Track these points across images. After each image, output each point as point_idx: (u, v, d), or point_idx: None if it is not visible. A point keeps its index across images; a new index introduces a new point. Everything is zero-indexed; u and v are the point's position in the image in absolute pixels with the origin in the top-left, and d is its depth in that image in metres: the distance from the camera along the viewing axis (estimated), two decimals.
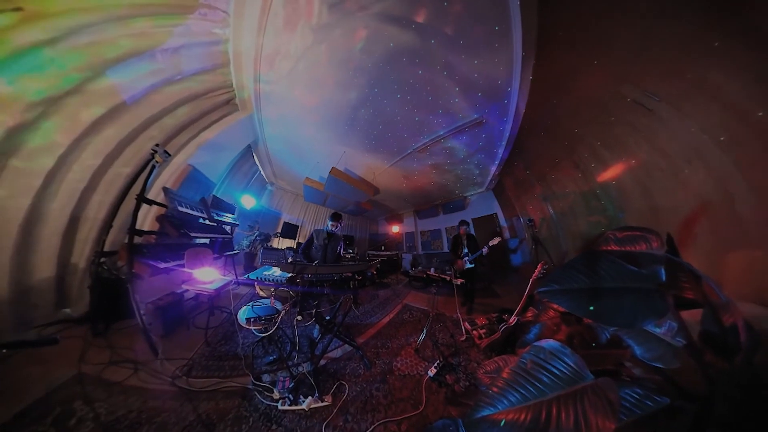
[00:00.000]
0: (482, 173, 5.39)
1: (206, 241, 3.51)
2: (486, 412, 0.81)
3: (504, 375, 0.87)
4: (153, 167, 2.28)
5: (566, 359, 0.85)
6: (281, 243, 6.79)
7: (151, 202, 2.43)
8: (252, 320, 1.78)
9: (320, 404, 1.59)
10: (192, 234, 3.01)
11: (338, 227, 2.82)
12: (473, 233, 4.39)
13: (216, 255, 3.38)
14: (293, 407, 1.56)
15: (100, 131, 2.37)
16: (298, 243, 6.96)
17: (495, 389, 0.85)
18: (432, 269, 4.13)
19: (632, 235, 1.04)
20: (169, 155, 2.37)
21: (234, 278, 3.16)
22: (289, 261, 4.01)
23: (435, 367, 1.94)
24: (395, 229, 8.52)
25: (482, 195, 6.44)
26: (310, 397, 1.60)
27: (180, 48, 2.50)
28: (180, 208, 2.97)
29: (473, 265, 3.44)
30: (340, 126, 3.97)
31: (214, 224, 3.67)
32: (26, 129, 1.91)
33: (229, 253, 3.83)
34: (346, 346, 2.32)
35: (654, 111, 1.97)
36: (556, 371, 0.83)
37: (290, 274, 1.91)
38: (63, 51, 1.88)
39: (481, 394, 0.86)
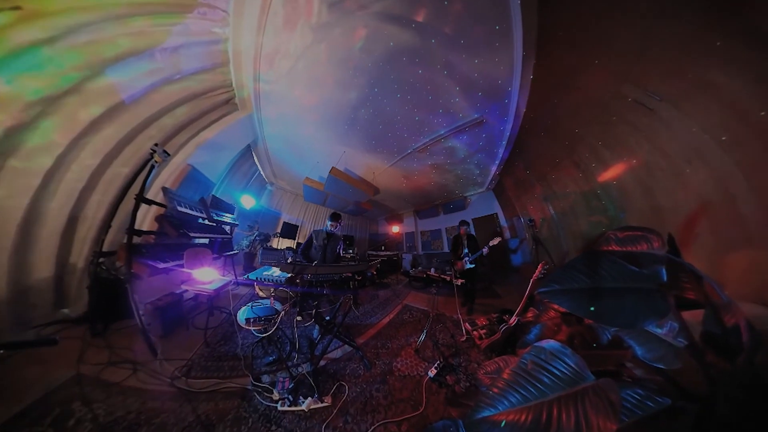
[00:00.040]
0: (482, 173, 5.39)
1: (205, 241, 3.50)
2: (486, 413, 0.81)
3: (504, 376, 0.87)
4: (152, 167, 2.27)
5: (567, 360, 0.85)
6: (281, 243, 6.79)
7: (150, 202, 2.43)
8: (251, 321, 1.77)
9: (320, 405, 1.59)
10: (191, 234, 3.01)
11: (338, 227, 2.81)
12: (473, 233, 4.39)
13: (215, 255, 3.37)
14: (293, 408, 1.55)
15: (99, 131, 2.36)
16: (298, 243, 6.96)
17: (495, 390, 0.84)
18: (432, 269, 4.14)
19: (633, 235, 1.04)
20: (168, 155, 2.36)
21: (233, 278, 3.15)
22: (289, 261, 4.02)
23: (435, 368, 1.94)
24: (395, 229, 8.52)
25: (482, 195, 6.44)
26: (310, 398, 1.59)
27: (179, 47, 2.49)
28: (179, 208, 2.96)
29: (473, 266, 3.43)
30: (340, 125, 3.96)
31: (214, 224, 3.67)
32: (25, 128, 1.91)
33: (229, 254, 3.82)
34: (346, 347, 2.31)
35: (655, 111, 1.97)
36: (557, 372, 0.83)
37: (290, 275, 1.91)
38: (61, 50, 1.87)
39: (482, 395, 0.86)
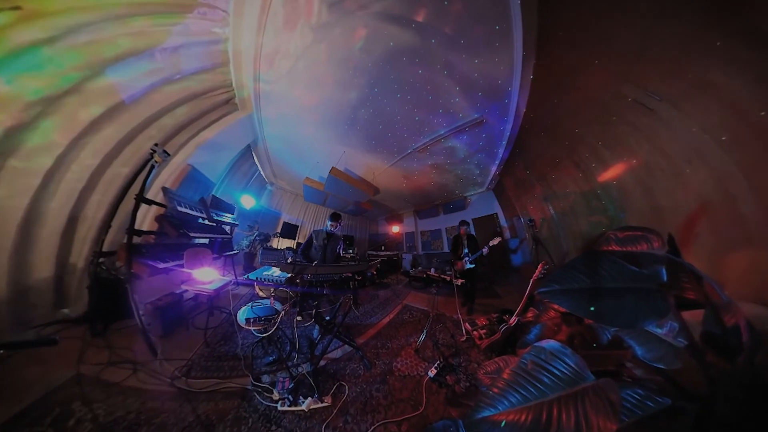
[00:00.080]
0: (482, 173, 5.38)
1: (205, 241, 3.50)
2: (486, 413, 0.81)
3: (504, 376, 0.87)
4: (152, 167, 2.27)
5: (567, 360, 0.85)
6: (281, 243, 6.79)
7: (150, 202, 2.43)
8: (251, 321, 1.77)
9: (320, 405, 1.59)
10: (191, 234, 3.01)
11: (337, 227, 2.81)
12: (473, 233, 4.39)
13: (215, 255, 3.37)
14: (293, 408, 1.55)
15: (99, 131, 2.36)
16: (298, 243, 6.96)
17: (495, 390, 0.85)
18: (432, 269, 4.14)
19: (633, 235, 1.04)
20: (168, 155, 2.36)
21: (233, 278, 3.15)
22: (289, 261, 4.01)
23: (435, 368, 1.94)
24: (395, 229, 8.51)
25: (482, 195, 6.44)
26: (310, 398, 1.59)
27: (179, 47, 2.49)
28: (179, 208, 2.96)
29: (473, 266, 3.43)
30: (340, 125, 3.96)
31: (214, 224, 3.67)
32: (25, 128, 1.91)
33: (229, 254, 3.82)
34: (346, 347, 2.31)
35: (655, 111, 1.97)
36: (557, 372, 0.83)
37: (290, 275, 1.91)
38: (61, 50, 1.87)
39: (482, 395, 0.86)
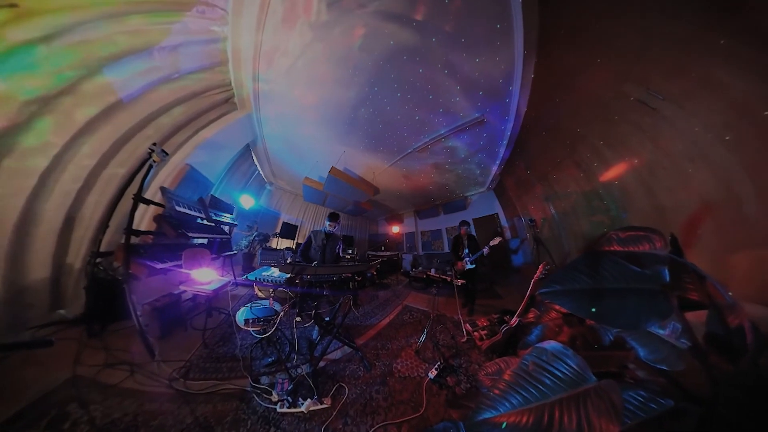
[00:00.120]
0: (483, 173, 5.38)
1: (204, 242, 3.49)
2: (487, 415, 0.81)
3: (505, 377, 0.87)
4: (150, 166, 2.26)
5: (568, 361, 0.84)
6: (280, 243, 6.78)
7: (149, 202, 2.41)
8: (250, 321, 1.76)
9: (319, 407, 1.58)
10: (190, 234, 3.00)
11: (336, 227, 2.80)
12: (474, 233, 4.38)
13: (214, 255, 3.36)
14: (292, 410, 1.54)
15: (96, 130, 2.34)
16: (297, 243, 6.95)
17: (496, 391, 0.84)
18: (432, 270, 4.12)
19: (635, 235, 1.03)
20: (167, 154, 2.35)
21: (232, 279, 3.15)
22: (288, 262, 3.99)
23: (435, 369, 1.93)
24: (395, 230, 8.51)
25: (483, 195, 6.44)
26: (309, 400, 1.58)
27: (178, 46, 2.48)
28: (178, 208, 2.95)
29: (474, 266, 3.42)
30: (340, 125, 3.95)
31: (212, 224, 3.66)
32: (20, 128, 1.89)
33: (228, 254, 3.81)
34: (346, 348, 2.30)
35: (657, 110, 1.96)
36: (559, 373, 0.83)
37: (289, 275, 1.90)
38: (58, 48, 1.86)
39: (483, 397, 0.86)
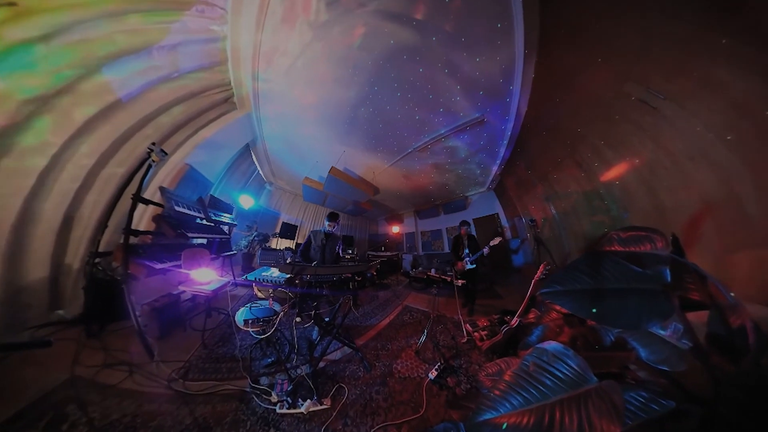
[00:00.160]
0: (483, 173, 5.37)
1: (203, 242, 3.48)
2: (488, 416, 0.80)
3: (506, 378, 0.87)
4: (149, 166, 2.25)
5: (569, 362, 0.84)
6: (280, 243, 6.77)
7: (148, 202, 2.41)
8: (250, 322, 1.76)
9: (319, 407, 1.57)
10: (189, 234, 2.99)
11: (335, 227, 2.79)
12: (474, 233, 4.38)
13: (213, 255, 3.35)
14: (292, 411, 1.54)
15: (95, 130, 2.33)
16: (297, 243, 6.94)
17: (497, 392, 0.84)
18: (433, 270, 4.12)
19: (636, 235, 1.03)
20: (166, 154, 2.34)
21: (231, 279, 3.14)
22: (288, 262, 3.99)
23: (436, 370, 1.92)
24: (395, 230, 8.51)
25: (483, 195, 6.44)
26: (309, 400, 1.58)
27: (177, 45, 2.47)
28: (177, 208, 2.95)
29: (474, 266, 3.42)
30: (340, 125, 3.94)
31: (212, 224, 3.65)
32: (19, 127, 1.88)
33: (227, 254, 3.80)
34: (346, 348, 2.29)
35: (658, 109, 1.95)
36: (559, 374, 0.83)
37: (289, 275, 1.89)
38: (56, 47, 1.85)
39: (483, 397, 0.86)
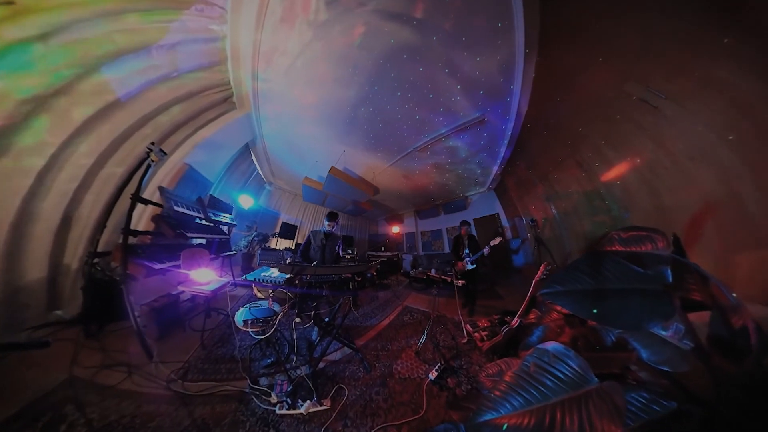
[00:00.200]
0: (484, 173, 5.37)
1: (203, 242, 3.48)
2: (488, 417, 0.80)
3: (506, 378, 0.87)
4: (148, 166, 2.25)
5: (570, 362, 0.84)
6: (279, 243, 6.76)
7: (147, 202, 2.40)
8: (249, 322, 1.75)
9: (319, 408, 1.57)
10: (188, 234, 2.99)
11: (335, 226, 2.79)
12: (474, 234, 4.37)
13: (213, 256, 3.35)
14: (291, 411, 1.53)
15: (94, 129, 2.33)
16: (297, 243, 6.94)
17: (497, 393, 0.84)
18: (433, 270, 4.12)
19: (637, 236, 1.03)
20: (165, 154, 2.34)
21: (231, 279, 3.13)
22: (288, 262, 3.98)
23: (436, 370, 1.91)
24: (395, 230, 8.50)
25: (484, 195, 6.43)
26: (309, 401, 1.57)
27: (176, 44, 2.47)
28: (176, 208, 2.94)
29: (475, 266, 3.41)
30: (340, 124, 3.94)
31: (211, 224, 3.64)
32: (16, 127, 1.87)
33: (226, 254, 3.80)
34: (346, 349, 2.29)
35: (659, 109, 1.95)
36: (560, 375, 0.83)
37: (288, 276, 1.89)
38: (54, 46, 1.84)
39: (483, 398, 0.86)
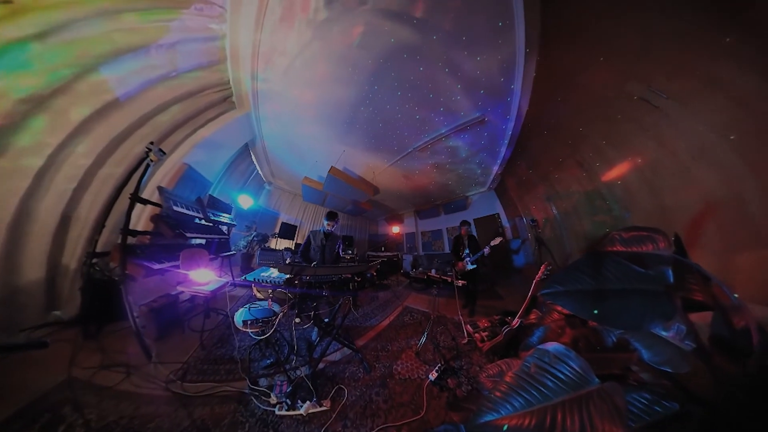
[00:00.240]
0: (484, 173, 5.36)
1: (202, 242, 3.48)
2: (489, 418, 0.79)
3: (507, 379, 0.86)
4: (147, 166, 2.24)
5: (571, 363, 0.84)
6: (279, 244, 6.76)
7: (146, 202, 2.40)
8: (249, 323, 1.74)
9: (319, 409, 1.56)
10: (187, 234, 2.98)
11: (334, 226, 2.78)
12: (475, 234, 4.37)
13: (212, 256, 3.34)
14: (291, 412, 1.52)
15: (92, 129, 2.32)
16: (297, 244, 6.93)
17: (498, 394, 0.83)
18: (433, 270, 4.11)
19: (638, 236, 1.03)
20: (164, 153, 2.33)
21: (230, 280, 3.13)
22: (287, 262, 3.98)
23: (436, 371, 1.91)
24: (395, 230, 8.49)
25: (484, 195, 6.43)
26: (308, 402, 1.57)
27: (176, 44, 2.46)
28: (175, 208, 2.93)
29: (475, 266, 3.41)
30: (339, 124, 3.93)
31: (211, 224, 3.64)
32: (14, 127, 1.87)
33: (226, 254, 3.79)
34: (345, 349, 2.29)
35: (661, 108, 1.94)
36: (561, 375, 0.82)
37: (288, 276, 1.88)
38: (52, 46, 1.83)
39: (484, 399, 0.85)
